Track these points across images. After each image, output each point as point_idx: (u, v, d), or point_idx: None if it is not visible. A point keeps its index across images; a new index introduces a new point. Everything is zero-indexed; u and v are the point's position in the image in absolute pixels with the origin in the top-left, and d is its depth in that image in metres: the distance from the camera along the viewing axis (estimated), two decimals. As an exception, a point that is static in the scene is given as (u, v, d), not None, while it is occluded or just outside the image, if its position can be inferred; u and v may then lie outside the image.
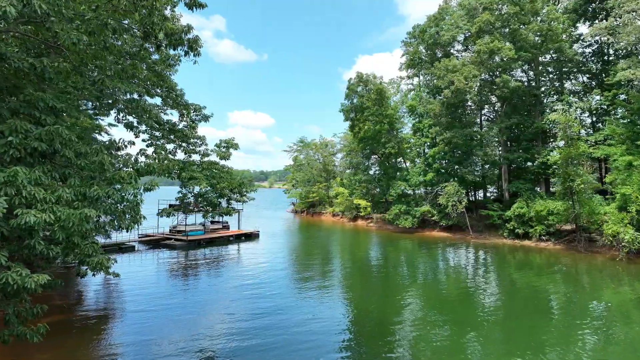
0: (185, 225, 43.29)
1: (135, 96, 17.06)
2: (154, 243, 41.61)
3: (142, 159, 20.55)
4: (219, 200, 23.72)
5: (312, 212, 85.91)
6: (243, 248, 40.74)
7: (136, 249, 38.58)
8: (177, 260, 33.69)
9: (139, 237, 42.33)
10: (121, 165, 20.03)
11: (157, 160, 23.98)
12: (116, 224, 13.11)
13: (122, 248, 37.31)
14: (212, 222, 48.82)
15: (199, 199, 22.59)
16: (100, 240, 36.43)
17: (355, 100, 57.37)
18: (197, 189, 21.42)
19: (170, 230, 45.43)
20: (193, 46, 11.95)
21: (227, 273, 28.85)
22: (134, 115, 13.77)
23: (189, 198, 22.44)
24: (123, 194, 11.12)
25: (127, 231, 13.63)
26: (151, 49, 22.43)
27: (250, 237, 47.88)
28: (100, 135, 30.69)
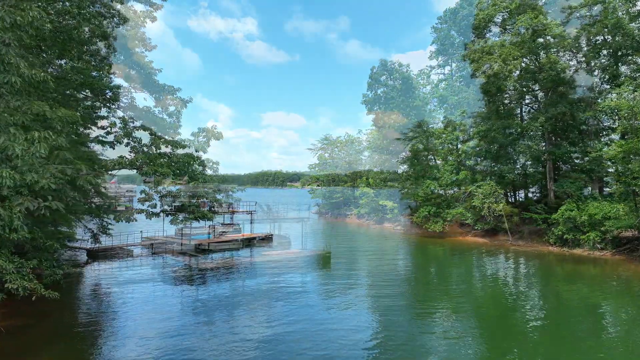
0: (190, 227, 39.88)
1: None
2: (155, 247, 38.50)
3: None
4: (196, 201, 19.83)
5: (336, 213, 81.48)
6: (252, 253, 37.19)
7: (135, 253, 35.56)
8: (172, 267, 30.52)
9: (142, 241, 39.39)
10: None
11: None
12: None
13: (119, 253, 34.35)
14: (222, 225, 45.32)
15: (168, 199, 18.84)
16: (96, 245, 34.08)
17: (379, 91, 52.50)
18: (160, 187, 17.62)
19: (175, 233, 42.26)
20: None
21: (227, 283, 25.18)
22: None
23: (154, 199, 18.74)
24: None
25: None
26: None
27: (263, 241, 43.99)
28: (90, 129, 27.68)
